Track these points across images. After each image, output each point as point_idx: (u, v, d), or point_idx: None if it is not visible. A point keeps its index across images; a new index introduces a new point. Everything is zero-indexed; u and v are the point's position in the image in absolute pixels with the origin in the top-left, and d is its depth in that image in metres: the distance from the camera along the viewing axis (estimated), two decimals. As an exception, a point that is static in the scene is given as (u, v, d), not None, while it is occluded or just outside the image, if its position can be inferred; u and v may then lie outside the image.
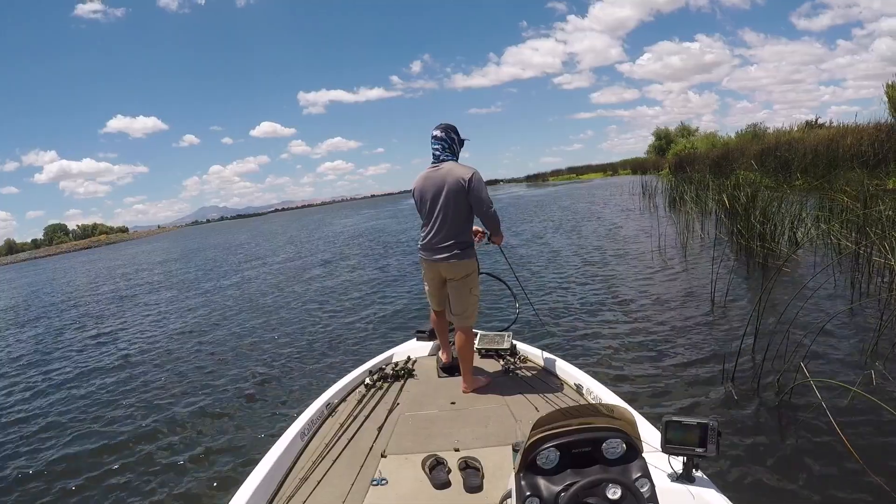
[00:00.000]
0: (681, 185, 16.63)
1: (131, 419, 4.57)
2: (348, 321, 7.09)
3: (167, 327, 8.45)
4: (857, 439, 2.77)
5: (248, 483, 1.99)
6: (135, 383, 5.60)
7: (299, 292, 10.09)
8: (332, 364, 5.27)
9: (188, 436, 4.06)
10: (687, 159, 28.99)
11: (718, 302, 5.65)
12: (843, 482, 2.58)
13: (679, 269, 7.68)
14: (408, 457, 2.26)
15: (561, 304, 6.57)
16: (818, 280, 5.27)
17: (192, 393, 5.01)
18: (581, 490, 1.20)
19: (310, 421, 2.57)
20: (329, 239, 23.80)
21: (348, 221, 38.62)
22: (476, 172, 2.85)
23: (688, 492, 1.60)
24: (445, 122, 2.97)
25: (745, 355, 3.96)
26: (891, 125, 13.91)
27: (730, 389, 3.68)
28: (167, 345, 7.20)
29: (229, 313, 8.83)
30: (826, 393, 3.11)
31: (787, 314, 4.16)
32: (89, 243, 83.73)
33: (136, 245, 59.39)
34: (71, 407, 5.12)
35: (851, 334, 4.40)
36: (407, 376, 3.20)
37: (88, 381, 5.99)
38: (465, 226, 2.94)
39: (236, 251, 23.79)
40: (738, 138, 30.50)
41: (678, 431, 1.61)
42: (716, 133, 37.46)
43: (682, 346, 4.66)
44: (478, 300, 3.09)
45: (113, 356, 6.98)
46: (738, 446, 2.96)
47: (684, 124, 44.93)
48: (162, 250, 34.74)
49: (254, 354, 6.10)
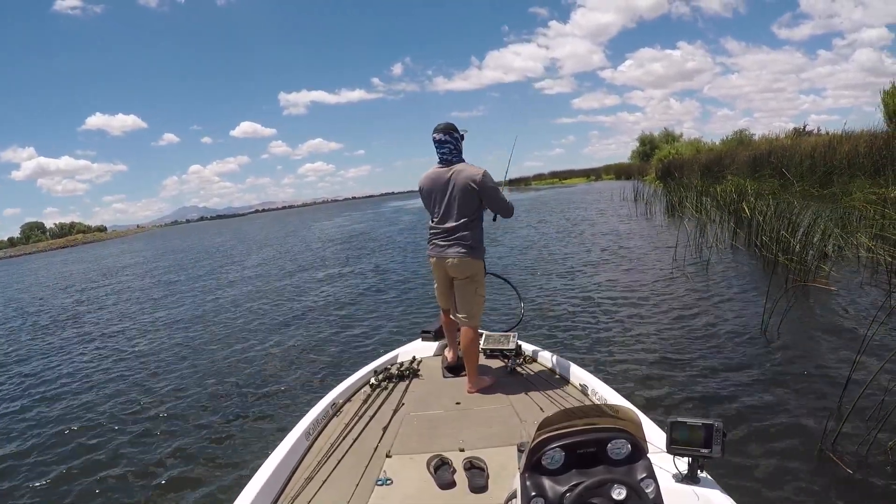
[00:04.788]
0: (677, 191, 16.48)
1: (133, 421, 4.52)
2: (352, 322, 7.05)
3: (172, 328, 8.25)
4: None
5: (254, 482, 1.98)
6: (133, 385, 5.53)
7: (302, 293, 9.90)
8: (337, 364, 5.27)
9: (192, 436, 4.04)
10: (675, 165, 29.13)
11: (733, 309, 5.63)
12: (844, 482, 2.61)
13: (691, 278, 7.36)
14: (413, 457, 2.26)
15: (566, 306, 6.54)
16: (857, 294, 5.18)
17: (197, 393, 4.99)
18: (586, 490, 1.20)
19: (315, 421, 2.57)
20: (321, 241, 23.14)
21: (331, 224, 37.84)
22: (486, 172, 2.91)
23: (693, 492, 1.60)
24: (444, 123, 2.95)
25: (754, 364, 4.10)
26: (888, 133, 13.91)
27: (730, 389, 3.74)
28: (172, 345, 7.09)
29: (233, 316, 8.57)
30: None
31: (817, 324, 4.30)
32: (66, 242, 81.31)
33: (115, 245, 57.77)
34: (77, 402, 5.12)
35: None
36: (412, 376, 3.19)
37: (96, 375, 6.03)
38: (475, 225, 2.98)
39: (230, 253, 22.96)
40: (723, 145, 30.79)
41: (683, 432, 1.61)
42: (700, 139, 37.81)
43: (690, 349, 4.63)
44: (483, 301, 3.11)
45: (119, 359, 6.75)
46: (743, 447, 2.95)
47: (668, 130, 45.31)
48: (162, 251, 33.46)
49: (258, 355, 6.02)
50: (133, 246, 47.85)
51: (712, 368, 4.18)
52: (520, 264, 10.04)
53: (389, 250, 15.74)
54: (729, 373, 4.07)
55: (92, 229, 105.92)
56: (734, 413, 3.42)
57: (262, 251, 21.68)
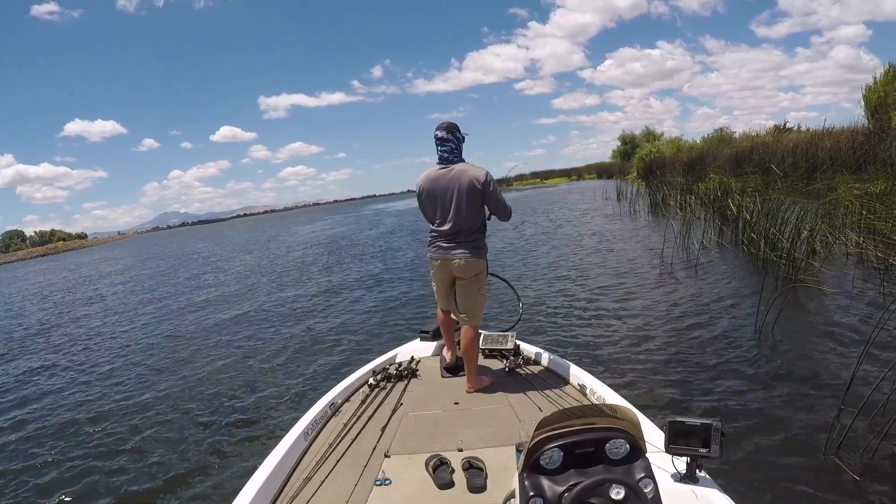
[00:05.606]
0: (661, 189, 16.39)
1: (131, 422, 4.51)
2: (349, 322, 7.05)
3: (173, 328, 8.31)
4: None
5: (252, 482, 1.97)
6: (131, 385, 5.57)
7: (297, 296, 9.80)
8: (336, 364, 5.27)
9: (190, 437, 4.03)
10: (657, 163, 29.14)
11: (726, 308, 5.61)
12: (841, 480, 2.59)
13: (682, 279, 7.25)
14: (411, 457, 2.25)
15: (564, 306, 6.53)
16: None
17: (196, 393, 4.98)
18: (584, 490, 1.19)
19: (313, 421, 2.56)
20: (310, 244, 22.70)
21: (311, 228, 37.30)
22: (489, 173, 2.92)
23: (691, 492, 1.59)
24: (447, 122, 2.95)
25: (751, 363, 4.11)
26: (869, 129, 13.96)
27: (726, 389, 3.73)
28: (169, 347, 7.13)
29: (231, 318, 8.50)
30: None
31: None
32: (46, 250, 79.09)
33: (97, 252, 56.78)
34: (81, 395, 5.08)
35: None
36: (410, 376, 3.18)
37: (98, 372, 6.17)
38: (479, 225, 2.99)
39: (212, 260, 22.40)
40: (704, 143, 30.94)
41: (682, 432, 1.60)
42: (681, 137, 37.99)
43: (686, 349, 4.61)
44: (485, 300, 3.12)
45: (115, 362, 6.78)
46: (741, 447, 2.93)
47: (649, 129, 45.50)
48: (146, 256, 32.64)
49: (257, 356, 6.01)
50: (114, 253, 47.11)
51: (709, 368, 4.16)
52: (509, 266, 9.88)
53: (380, 252, 15.61)
54: (725, 372, 4.05)
55: (73, 237, 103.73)
56: (732, 413, 3.39)
57: (248, 256, 21.23)
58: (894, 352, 3.68)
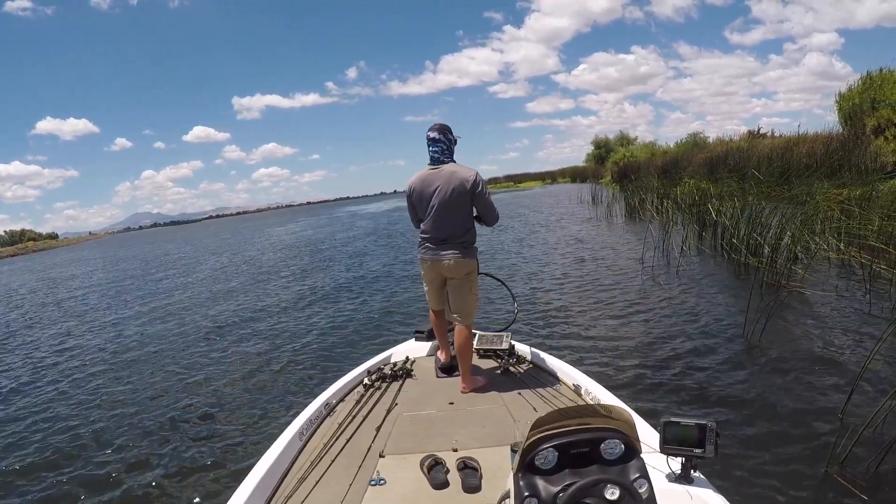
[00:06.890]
0: (636, 193, 16.34)
1: (127, 423, 4.41)
2: (344, 322, 6.99)
3: (163, 330, 8.07)
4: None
5: (247, 483, 1.96)
6: (128, 384, 5.51)
7: (296, 295, 9.59)
8: (331, 365, 5.22)
9: (184, 437, 3.98)
10: (631, 167, 29.25)
11: (713, 312, 5.62)
12: (835, 480, 2.59)
13: (664, 282, 7.14)
14: (406, 457, 2.24)
15: (558, 306, 6.52)
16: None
17: (193, 394, 4.91)
18: (579, 490, 1.17)
19: (308, 421, 2.54)
20: (294, 245, 22.19)
21: (285, 229, 36.65)
22: (479, 174, 2.93)
23: (686, 492, 1.59)
24: (440, 123, 2.98)
25: (744, 365, 4.16)
26: (844, 135, 14.10)
27: (731, 390, 3.73)
28: (165, 347, 6.97)
29: (224, 318, 8.34)
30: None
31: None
32: (16, 251, 75.45)
33: (67, 252, 55.03)
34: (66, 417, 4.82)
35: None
36: (405, 376, 3.17)
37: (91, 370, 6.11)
38: (468, 226, 2.99)
39: (200, 257, 21.94)
40: (678, 147, 31.16)
41: (677, 432, 1.59)
42: (654, 142, 38.31)
43: (680, 351, 4.60)
44: (477, 300, 3.14)
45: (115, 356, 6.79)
46: (736, 447, 2.93)
47: (623, 133, 45.81)
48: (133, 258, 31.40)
49: (252, 356, 5.94)
50: (87, 253, 45.54)
51: (702, 369, 4.16)
52: (499, 268, 9.58)
53: (369, 252, 15.43)
54: (718, 375, 4.04)
55: (43, 237, 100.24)
56: (726, 413, 3.40)
57: (223, 258, 20.60)
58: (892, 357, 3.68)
